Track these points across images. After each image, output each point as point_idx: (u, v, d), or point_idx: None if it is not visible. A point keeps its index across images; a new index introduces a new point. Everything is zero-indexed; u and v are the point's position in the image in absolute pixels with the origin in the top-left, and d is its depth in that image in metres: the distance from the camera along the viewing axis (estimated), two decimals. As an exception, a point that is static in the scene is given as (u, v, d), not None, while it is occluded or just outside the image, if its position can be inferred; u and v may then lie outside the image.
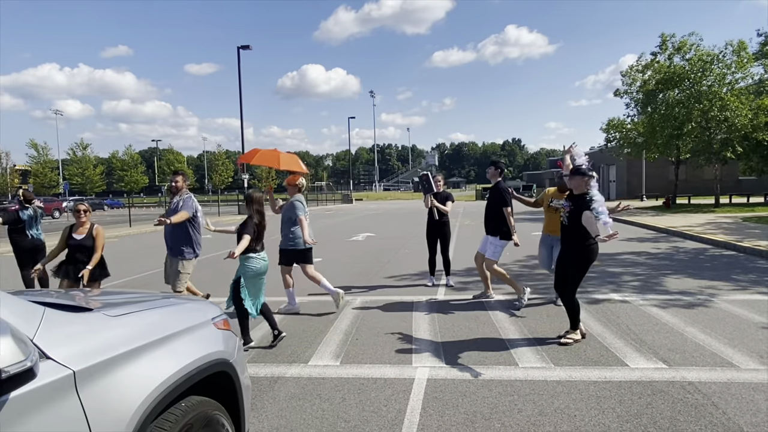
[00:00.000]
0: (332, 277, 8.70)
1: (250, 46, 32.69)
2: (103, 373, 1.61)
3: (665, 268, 8.86)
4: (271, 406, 3.64)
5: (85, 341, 1.63)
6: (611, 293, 6.89)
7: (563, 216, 4.83)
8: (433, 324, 5.61)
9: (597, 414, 3.35)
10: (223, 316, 2.51)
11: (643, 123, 25.45)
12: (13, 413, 1.32)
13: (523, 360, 4.40)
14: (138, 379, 1.74)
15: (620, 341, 4.82)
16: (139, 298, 2.32)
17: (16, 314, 1.45)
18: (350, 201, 56.28)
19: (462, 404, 3.56)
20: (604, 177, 46.31)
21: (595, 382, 3.87)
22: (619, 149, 28.97)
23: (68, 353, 1.54)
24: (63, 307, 1.76)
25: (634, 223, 17.84)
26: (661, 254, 10.58)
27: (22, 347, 1.24)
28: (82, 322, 1.72)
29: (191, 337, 2.12)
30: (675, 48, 23.69)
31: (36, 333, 1.48)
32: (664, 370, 4.06)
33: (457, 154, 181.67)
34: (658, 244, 12.41)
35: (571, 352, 4.55)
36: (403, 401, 3.64)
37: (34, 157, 69.73)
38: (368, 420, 3.37)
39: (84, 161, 74.75)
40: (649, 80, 24.43)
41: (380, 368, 4.30)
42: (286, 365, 4.44)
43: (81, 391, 1.52)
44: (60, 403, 1.45)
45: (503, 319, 5.74)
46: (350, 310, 6.36)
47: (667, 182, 32.77)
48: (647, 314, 5.77)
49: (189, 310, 2.31)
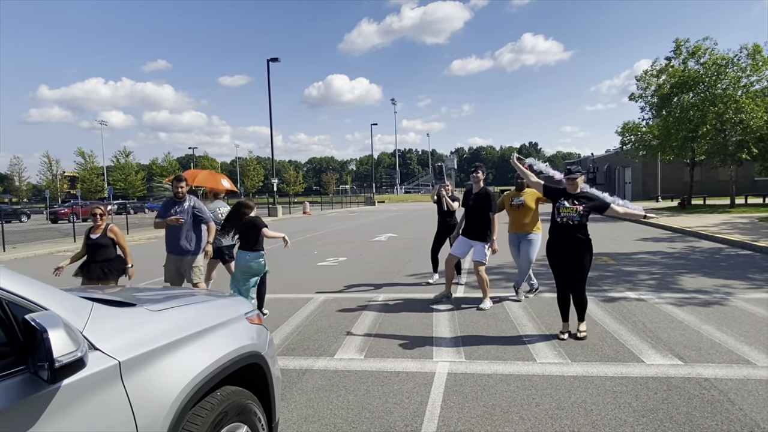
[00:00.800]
0: (357, 275, 8.76)
1: (279, 59, 33.05)
2: (145, 364, 1.66)
3: (681, 267, 8.63)
4: (300, 396, 3.67)
5: (129, 334, 1.68)
6: (627, 291, 6.74)
7: (574, 215, 4.75)
8: (452, 320, 5.58)
9: (613, 408, 3.28)
10: (256, 311, 2.54)
11: (657, 126, 24.85)
12: (65, 400, 1.37)
13: (541, 355, 4.34)
14: (177, 370, 1.78)
15: (636, 338, 4.72)
16: (179, 294, 2.37)
17: (68, 309, 1.50)
18: (373, 203, 56.39)
19: (481, 397, 3.53)
20: (619, 179, 45.34)
21: (612, 378, 3.79)
22: (634, 152, 28.34)
23: (114, 345, 1.58)
24: (110, 302, 1.82)
25: (649, 223, 17.41)
26: (676, 254, 10.31)
27: (73, 339, 1.28)
28: (127, 316, 1.76)
29: (225, 331, 2.16)
30: (689, 52, 23.10)
31: (85, 326, 1.53)
32: (680, 367, 3.96)
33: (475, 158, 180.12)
34: (674, 243, 12.10)
35: (587, 349, 4.47)
36: (424, 394, 3.63)
37: (82, 164, 71.88)
38: (391, 411, 3.37)
39: (126, 168, 76.66)
40: (663, 84, 23.88)
41: (402, 362, 4.30)
42: (314, 358, 4.48)
43: (126, 380, 1.56)
44: (107, 391, 1.50)
45: (521, 315, 5.67)
46: (374, 306, 6.37)
47: (682, 183, 31.92)
48: (663, 312, 5.63)
49: (223, 306, 2.35)
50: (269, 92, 33.09)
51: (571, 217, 4.79)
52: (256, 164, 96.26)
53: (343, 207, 49.47)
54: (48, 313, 1.32)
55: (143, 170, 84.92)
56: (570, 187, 4.90)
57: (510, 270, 8.78)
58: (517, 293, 6.53)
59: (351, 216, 31.97)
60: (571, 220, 4.78)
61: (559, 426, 3.08)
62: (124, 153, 78.64)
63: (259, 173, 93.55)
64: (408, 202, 60.80)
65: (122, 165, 76.96)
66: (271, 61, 32.76)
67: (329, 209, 44.56)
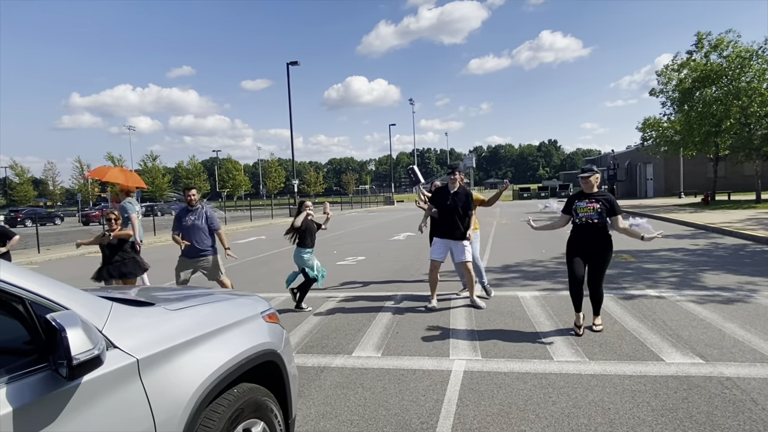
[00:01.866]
0: (376, 273, 8.76)
1: (298, 62, 33.30)
2: (163, 361, 1.69)
3: (703, 264, 8.40)
4: (318, 393, 3.69)
5: (147, 332, 1.71)
6: (647, 289, 6.59)
7: (592, 213, 4.67)
8: (469, 318, 5.54)
9: (632, 407, 3.22)
10: (271, 310, 2.57)
11: (679, 121, 24.22)
12: (86, 396, 1.41)
13: (558, 354, 4.28)
14: (194, 367, 1.81)
15: (656, 336, 4.61)
16: (196, 293, 2.41)
17: (88, 308, 1.54)
18: (392, 203, 56.38)
19: (497, 395, 3.50)
20: (641, 175, 44.35)
21: (630, 376, 3.71)
22: (655, 147, 27.69)
23: (133, 343, 1.62)
24: (128, 301, 1.86)
25: (671, 220, 16.99)
26: (699, 250, 10.04)
27: (91, 337, 1.31)
28: (145, 315, 1.80)
29: (242, 329, 2.19)
30: (711, 46, 22.44)
31: (105, 325, 1.57)
32: (701, 365, 3.85)
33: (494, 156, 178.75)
34: (696, 240, 11.77)
35: (605, 347, 4.39)
36: (440, 392, 3.61)
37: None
38: (407, 408, 3.37)
39: (154, 171, 78.26)
40: (685, 79, 23.25)
41: (419, 360, 4.29)
42: (332, 356, 4.50)
43: (144, 377, 1.59)
44: (125, 388, 1.53)
45: (539, 314, 5.60)
46: (391, 305, 6.37)
47: (705, 179, 31.03)
48: (684, 310, 5.49)
49: (240, 305, 2.38)
50: (289, 95, 33.37)
51: (589, 216, 4.71)
52: (278, 166, 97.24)
53: (363, 207, 49.57)
54: (68, 313, 1.35)
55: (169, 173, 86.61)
56: (585, 187, 4.82)
57: (528, 269, 8.68)
58: (484, 290, 6.55)
59: (370, 216, 32.02)
60: (591, 219, 4.70)
61: (576, 425, 3.03)
62: (152, 157, 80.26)
63: (280, 175, 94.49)
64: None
65: (150, 168, 78.56)
66: (290, 64, 33.03)
67: (349, 209, 44.72)
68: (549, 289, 6.89)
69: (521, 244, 12.05)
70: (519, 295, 6.55)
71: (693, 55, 23.17)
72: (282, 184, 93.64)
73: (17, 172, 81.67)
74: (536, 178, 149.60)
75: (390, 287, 7.54)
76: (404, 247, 12.79)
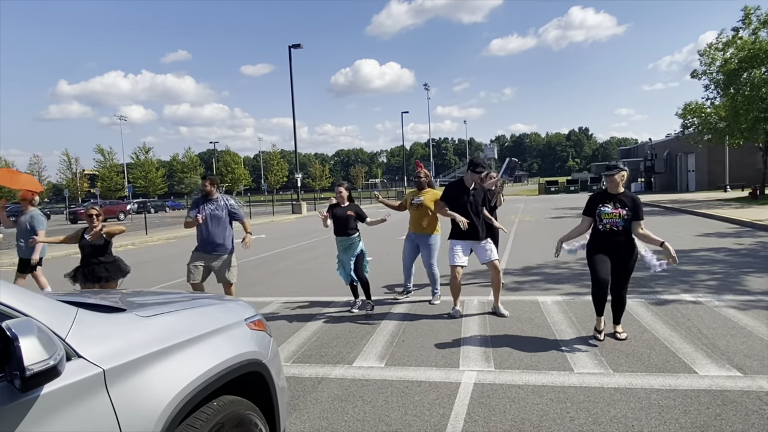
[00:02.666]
0: (383, 275, 8.78)
1: (301, 45, 33.38)
2: (132, 372, 1.71)
3: (747, 266, 8.27)
4: (314, 406, 3.72)
5: (115, 341, 1.74)
6: (682, 293, 6.51)
7: (618, 220, 4.65)
8: (483, 325, 5.53)
9: (658, 424, 3.19)
10: (257, 316, 2.59)
11: (724, 106, 23.85)
12: (45, 408, 1.44)
13: (579, 365, 4.25)
14: (168, 378, 1.83)
15: (689, 346, 4.55)
16: (174, 299, 2.44)
17: (50, 314, 1.57)
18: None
19: (509, 411, 3.49)
20: (681, 167, 43.76)
21: (658, 390, 3.68)
22: (697, 136, 27.29)
23: (99, 352, 1.64)
24: (97, 307, 1.89)
25: (713, 216, 16.75)
26: (743, 251, 9.89)
27: (46, 346, 1.34)
28: (114, 322, 1.83)
29: (223, 337, 2.21)
30: (761, 22, 22.05)
31: (68, 332, 1.59)
32: (739, 379, 3.80)
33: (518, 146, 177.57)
34: (741, 239, 11.59)
35: (632, 358, 4.35)
36: (447, 406, 3.61)
37: (101, 161, 74.73)
38: (410, 424, 3.37)
39: (147, 165, 79.24)
40: (730, 59, 22.87)
41: (425, 371, 4.29)
42: (331, 366, 4.52)
43: (111, 389, 1.62)
44: (90, 400, 1.56)
45: (560, 321, 5.57)
46: (398, 309, 6.38)
47: (754, 171, 30.52)
48: (723, 316, 5.41)
49: (222, 311, 2.40)
50: (291, 81, 33.52)
51: (614, 223, 4.68)
52: (280, 158, 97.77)
53: (372, 202, 49.63)
54: (24, 320, 1.38)
55: (164, 167, 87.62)
56: (610, 187, 4.78)
57: (551, 271, 8.63)
58: (433, 296, 6.75)
59: (379, 212, 32.01)
60: (615, 226, 4.68)
61: (595, 443, 3.01)
62: (144, 149, 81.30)
63: (283, 168, 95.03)
64: (443, 196, 60.39)
65: (142, 162, 79.55)
66: (292, 47, 33.14)
67: (358, 205, 44.71)
68: (573, 293, 6.84)
69: (544, 243, 11.96)
70: (539, 300, 6.52)
71: (739, 32, 22.79)
72: (285, 178, 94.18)
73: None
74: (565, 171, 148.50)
75: (398, 290, 7.55)
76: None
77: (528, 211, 24.75)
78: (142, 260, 12.85)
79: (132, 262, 6.43)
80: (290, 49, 33.13)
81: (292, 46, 33.20)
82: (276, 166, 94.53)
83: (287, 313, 6.57)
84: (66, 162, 72.72)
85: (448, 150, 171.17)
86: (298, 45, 33.39)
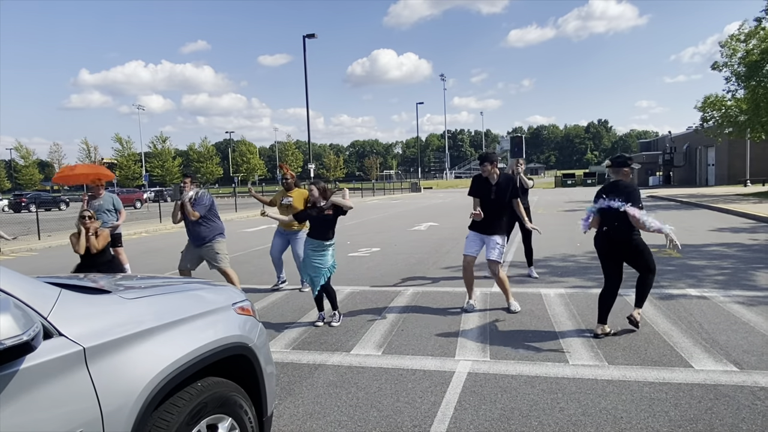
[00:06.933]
0: (389, 266, 8.84)
1: (315, 35, 33.34)
2: (113, 351, 1.78)
3: (759, 261, 8.15)
4: (309, 392, 3.79)
5: (97, 321, 1.81)
6: (688, 288, 6.46)
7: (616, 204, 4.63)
8: (483, 317, 5.55)
9: (647, 417, 3.19)
10: (246, 302, 2.65)
11: (745, 99, 23.31)
12: (24, 383, 1.51)
13: (575, 357, 4.26)
14: (149, 358, 1.90)
15: (688, 340, 4.53)
16: (164, 283, 2.51)
17: (31, 294, 1.64)
18: (419, 189, 56.28)
19: (500, 400, 3.53)
20: (701, 160, 42.97)
21: (651, 383, 3.68)
22: (717, 129, 26.75)
23: (80, 331, 1.72)
24: (81, 288, 1.96)
25: (729, 211, 16.47)
26: (756, 246, 9.73)
27: (20, 323, 1.41)
28: (98, 303, 1.90)
29: (208, 321, 2.27)
30: (785, 12, 21.42)
31: (51, 312, 1.67)
32: (734, 374, 3.78)
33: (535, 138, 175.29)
34: (756, 235, 11.39)
35: (629, 351, 4.34)
36: (439, 394, 3.66)
37: (119, 150, 75.72)
38: (401, 411, 3.43)
39: (164, 154, 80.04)
40: (752, 50, 22.31)
41: (421, 360, 4.34)
42: (329, 353, 4.60)
43: (91, 367, 1.69)
44: (71, 377, 1.63)
45: (560, 313, 5.57)
46: (401, 300, 6.43)
47: (776, 165, 29.84)
48: (726, 312, 5.36)
49: (209, 295, 2.47)
50: (305, 71, 33.52)
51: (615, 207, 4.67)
52: (295, 149, 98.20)
53: (386, 194, 49.64)
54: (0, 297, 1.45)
55: (180, 156, 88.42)
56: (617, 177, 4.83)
57: (557, 263, 8.61)
58: (302, 284, 7.09)
59: (392, 204, 32.08)
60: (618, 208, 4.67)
61: (581, 433, 3.03)
62: (161, 138, 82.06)
63: (297, 158, 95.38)
64: (458, 188, 60.18)
65: (159, 151, 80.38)
66: (307, 37, 33.12)
67: (370, 196, 44.81)
68: (577, 286, 6.83)
69: (554, 236, 11.89)
70: (542, 293, 6.52)
71: (762, 22, 22.21)
72: (299, 169, 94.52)
73: (22, 155, 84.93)
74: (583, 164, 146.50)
75: (402, 282, 7.60)
76: (423, 239, 12.81)
77: (541, 204, 24.58)
78: (155, 248, 13.06)
79: (145, 250, 6.67)
80: (304, 38, 33.13)
81: (307, 35, 33.19)
82: (291, 156, 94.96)
83: (291, 300, 6.65)
84: (85, 150, 73.91)
85: (465, 142, 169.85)
86: (312, 35, 33.35)
